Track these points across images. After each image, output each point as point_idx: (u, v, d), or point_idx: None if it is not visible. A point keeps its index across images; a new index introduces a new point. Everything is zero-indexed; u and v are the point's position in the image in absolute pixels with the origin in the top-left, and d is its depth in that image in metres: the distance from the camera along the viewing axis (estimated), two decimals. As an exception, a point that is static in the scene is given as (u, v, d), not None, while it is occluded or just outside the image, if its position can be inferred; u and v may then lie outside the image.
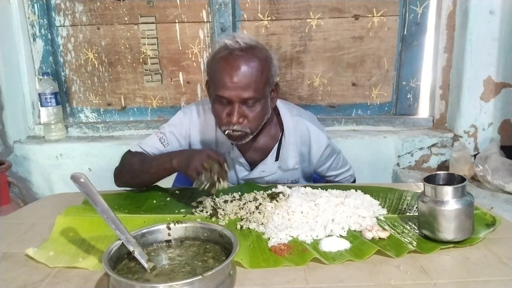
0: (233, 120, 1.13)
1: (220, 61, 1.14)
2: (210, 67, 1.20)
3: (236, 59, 1.12)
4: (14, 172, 2.08)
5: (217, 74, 1.14)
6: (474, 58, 1.90)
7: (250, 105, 1.15)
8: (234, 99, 1.12)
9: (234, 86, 1.11)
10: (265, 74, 1.15)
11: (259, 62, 1.14)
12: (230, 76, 1.11)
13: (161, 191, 1.25)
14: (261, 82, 1.14)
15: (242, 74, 1.11)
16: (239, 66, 1.11)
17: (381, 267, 0.84)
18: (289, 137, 1.31)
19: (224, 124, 1.17)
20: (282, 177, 1.36)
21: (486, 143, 1.98)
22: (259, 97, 1.15)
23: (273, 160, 1.33)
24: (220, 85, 1.13)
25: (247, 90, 1.12)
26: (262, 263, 0.85)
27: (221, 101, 1.15)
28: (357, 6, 2.03)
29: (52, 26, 2.12)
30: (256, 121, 1.18)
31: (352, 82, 2.14)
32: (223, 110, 1.16)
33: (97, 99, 2.22)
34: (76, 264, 0.86)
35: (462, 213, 0.89)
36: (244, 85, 1.11)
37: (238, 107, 1.13)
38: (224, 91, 1.12)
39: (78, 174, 0.82)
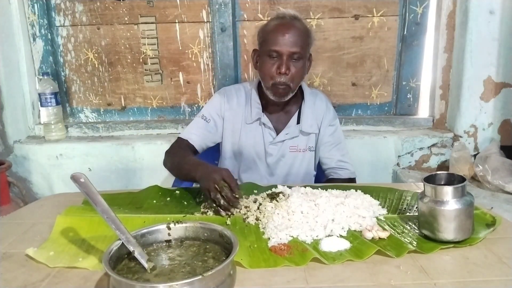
0: (282, 70, 1.34)
1: (273, 25, 1.39)
2: (263, 32, 1.42)
3: (287, 21, 1.38)
4: (14, 172, 2.08)
5: (270, 34, 1.37)
6: (474, 58, 1.90)
7: (295, 60, 1.36)
8: (284, 52, 1.34)
9: (285, 42, 1.34)
10: (307, 39, 1.40)
11: (304, 28, 1.39)
12: (283, 33, 1.35)
13: (161, 191, 1.25)
14: (305, 43, 1.38)
15: (292, 33, 1.35)
16: (289, 27, 1.36)
17: (381, 267, 0.84)
18: (308, 102, 1.51)
19: (273, 76, 1.37)
20: (302, 142, 1.52)
21: (486, 143, 1.98)
22: (303, 54, 1.37)
23: (295, 123, 1.50)
24: (273, 41, 1.36)
25: (295, 46, 1.35)
26: (262, 263, 0.85)
27: (271, 56, 1.36)
28: (357, 6, 2.03)
29: (52, 26, 2.13)
30: (298, 77, 1.39)
31: (352, 82, 2.14)
32: (273, 65, 1.37)
33: (97, 99, 2.22)
34: (76, 264, 0.86)
35: (462, 213, 0.89)
36: (293, 41, 1.35)
37: (286, 60, 1.35)
38: (277, 45, 1.35)
39: (78, 174, 0.82)
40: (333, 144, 1.54)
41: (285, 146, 1.51)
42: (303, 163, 1.53)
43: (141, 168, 2.08)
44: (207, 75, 2.16)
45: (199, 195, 1.22)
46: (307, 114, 1.50)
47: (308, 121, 1.50)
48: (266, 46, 1.38)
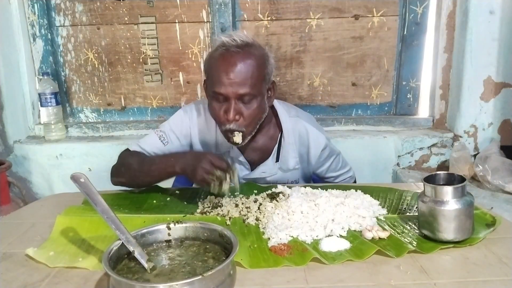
0: (230, 117, 1.13)
1: (216, 58, 1.15)
2: (207, 65, 1.20)
3: (232, 55, 1.13)
4: (14, 172, 2.08)
5: (213, 71, 1.15)
6: (474, 58, 1.90)
7: (246, 102, 1.15)
8: (231, 95, 1.13)
9: (230, 82, 1.11)
10: (261, 71, 1.16)
11: (255, 59, 1.14)
12: (226, 72, 1.11)
13: (161, 191, 1.25)
14: (257, 78, 1.15)
15: (238, 70, 1.11)
16: (235, 62, 1.12)
17: (381, 267, 0.84)
18: (288, 137, 1.31)
19: (222, 122, 1.17)
20: (283, 178, 1.36)
21: (486, 143, 1.98)
22: (255, 94, 1.15)
23: (274, 161, 1.33)
24: (216, 82, 1.13)
25: (243, 86, 1.12)
26: (262, 263, 0.85)
27: (218, 98, 1.15)
28: (357, 6, 2.03)
29: (52, 26, 2.12)
30: (252, 119, 1.18)
31: (352, 82, 2.14)
32: (220, 108, 1.16)
33: (97, 99, 2.22)
34: (76, 264, 0.86)
35: (462, 213, 0.89)
36: (240, 81, 1.12)
37: (234, 103, 1.13)
38: (221, 87, 1.12)
39: (78, 174, 0.82)
40: (328, 165, 1.40)
41: (261, 181, 1.34)
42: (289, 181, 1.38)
43: (141, 168, 2.08)
44: (207, 75, 2.16)
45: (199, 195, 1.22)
46: (287, 151, 1.31)
47: (288, 159, 1.32)
48: (210, 85, 1.16)
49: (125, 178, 1.24)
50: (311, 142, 1.34)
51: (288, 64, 2.12)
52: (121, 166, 1.26)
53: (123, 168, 1.25)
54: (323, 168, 1.41)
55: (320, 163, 1.39)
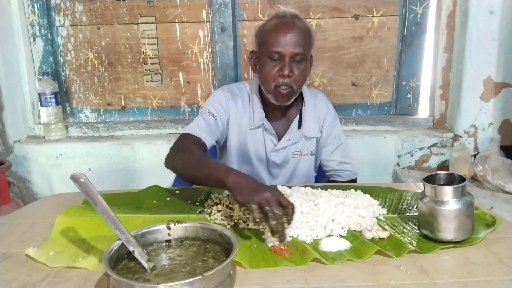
0: (285, 72, 1.27)
1: (274, 24, 1.31)
2: (262, 32, 1.34)
3: (288, 21, 1.30)
4: (14, 172, 2.08)
5: (271, 35, 1.30)
6: (474, 58, 1.90)
7: (298, 61, 1.30)
8: (286, 53, 1.27)
9: (287, 42, 1.27)
10: (309, 39, 1.33)
11: (305, 28, 1.32)
12: (284, 34, 1.27)
13: (161, 191, 1.25)
14: (307, 43, 1.31)
15: (294, 33, 1.28)
16: (291, 26, 1.29)
17: (381, 267, 0.84)
18: (308, 105, 1.46)
19: (275, 79, 1.30)
20: (305, 146, 1.47)
21: (486, 143, 1.98)
22: (305, 55, 1.31)
23: (296, 128, 1.45)
24: (274, 43, 1.28)
25: (297, 46, 1.28)
26: (262, 263, 0.85)
27: (272, 58, 1.29)
28: (357, 6, 2.03)
29: (52, 26, 2.13)
30: (301, 79, 1.33)
31: (352, 82, 2.14)
32: (274, 67, 1.30)
33: (97, 99, 2.22)
34: (76, 264, 0.85)
35: (462, 213, 0.89)
36: (295, 41, 1.27)
37: (288, 61, 1.28)
38: (278, 46, 1.27)
39: (78, 174, 0.82)
40: (335, 146, 1.50)
41: (287, 152, 1.46)
42: (304, 167, 1.49)
43: (141, 168, 2.08)
44: (207, 75, 2.16)
45: (199, 194, 1.22)
46: (308, 118, 1.45)
47: (310, 125, 1.45)
48: (266, 47, 1.30)
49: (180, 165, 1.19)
50: (326, 113, 1.49)
51: (288, 64, 2.12)
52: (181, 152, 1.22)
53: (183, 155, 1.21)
54: (329, 147, 1.50)
55: (328, 140, 1.49)
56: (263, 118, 1.42)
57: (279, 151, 1.45)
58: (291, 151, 1.46)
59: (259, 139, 1.44)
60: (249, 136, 1.44)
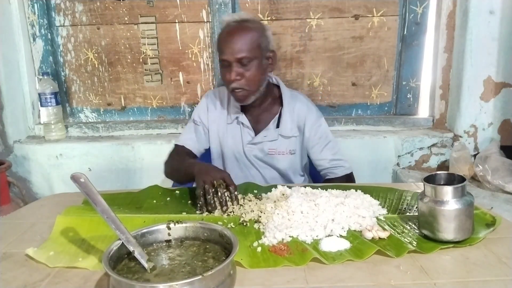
0: (232, 77, 1.35)
1: (221, 34, 1.40)
2: (217, 42, 1.43)
3: (230, 28, 1.38)
4: (14, 172, 2.08)
5: (219, 44, 1.39)
6: (474, 58, 1.90)
7: (245, 64, 1.35)
8: (231, 59, 1.34)
9: (230, 50, 1.34)
10: (256, 39, 1.37)
11: (250, 29, 1.37)
12: (226, 41, 1.35)
13: (161, 191, 1.25)
14: (253, 45, 1.35)
15: (235, 39, 1.34)
16: (232, 33, 1.36)
17: (381, 267, 0.84)
18: (287, 106, 1.50)
19: (228, 84, 1.38)
20: (282, 145, 1.51)
21: (486, 143, 1.98)
22: (251, 57, 1.35)
23: (274, 127, 1.50)
24: (220, 51, 1.37)
25: (240, 52, 1.33)
26: (262, 263, 0.85)
27: (223, 65, 1.38)
28: (357, 6, 2.03)
29: (52, 26, 2.12)
30: (253, 79, 1.37)
31: (352, 82, 2.14)
32: (225, 72, 1.38)
33: (97, 99, 2.22)
34: (76, 264, 0.86)
35: (462, 213, 0.89)
36: (237, 47, 1.33)
37: (234, 66, 1.35)
38: (223, 55, 1.36)
39: (78, 174, 0.82)
40: (323, 145, 1.52)
41: (263, 147, 1.51)
42: (282, 165, 1.52)
43: (141, 168, 2.08)
44: (207, 75, 2.16)
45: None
46: (286, 118, 1.49)
47: (287, 125, 1.49)
48: (218, 56, 1.40)
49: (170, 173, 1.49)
50: (307, 114, 1.51)
51: (288, 64, 2.12)
52: (168, 163, 1.50)
53: (169, 164, 1.49)
54: (317, 147, 1.52)
55: (315, 140, 1.52)
56: (238, 112, 1.50)
57: (256, 145, 1.51)
58: (267, 147, 1.51)
59: (236, 133, 1.52)
60: (227, 131, 1.53)
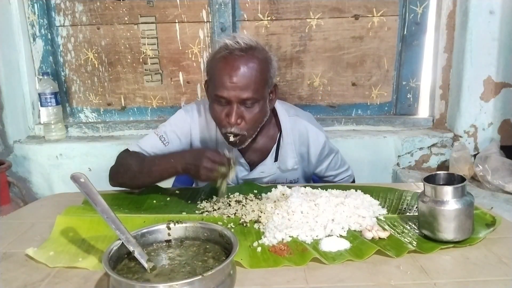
0: (231, 120, 1.13)
1: (220, 61, 1.14)
2: (209, 67, 1.19)
3: (235, 59, 1.12)
4: (14, 172, 2.08)
5: (216, 74, 1.14)
6: (474, 58, 1.90)
7: (248, 106, 1.14)
8: (233, 99, 1.12)
9: (233, 86, 1.11)
10: (264, 75, 1.15)
11: (258, 63, 1.13)
12: (230, 76, 1.11)
13: (161, 191, 1.25)
14: (260, 83, 1.14)
15: (242, 74, 1.11)
16: (239, 66, 1.11)
17: (381, 267, 0.84)
18: (287, 137, 1.31)
19: (223, 125, 1.17)
20: (281, 177, 1.36)
21: (486, 143, 1.98)
22: (258, 98, 1.15)
23: (272, 161, 1.33)
24: (219, 85, 1.12)
25: (246, 91, 1.11)
26: (262, 263, 0.85)
27: (219, 102, 1.15)
28: (357, 6, 2.03)
29: (52, 26, 2.12)
30: (254, 123, 1.18)
31: (352, 82, 2.14)
32: (221, 111, 1.16)
33: (97, 99, 2.22)
34: (76, 264, 0.85)
35: (462, 213, 0.89)
36: (243, 85, 1.11)
37: (236, 107, 1.13)
38: (223, 91, 1.12)
39: (78, 174, 0.82)
40: (329, 165, 1.41)
41: (261, 181, 1.34)
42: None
43: (141, 168, 2.08)
44: (207, 75, 2.16)
45: (199, 195, 1.22)
46: (286, 151, 1.31)
47: (287, 159, 1.31)
48: (212, 88, 1.15)
49: (125, 179, 1.22)
50: (310, 141, 1.33)
51: (288, 64, 2.12)
52: (120, 167, 1.23)
53: (122, 169, 1.22)
54: (322, 167, 1.41)
55: (320, 162, 1.39)
56: (229, 146, 1.23)
57: (251, 179, 1.33)
58: (265, 181, 1.35)
59: None
60: None
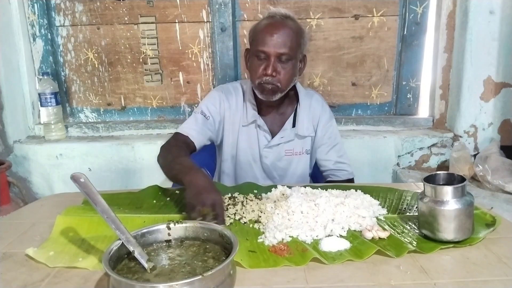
0: (268, 71, 1.31)
1: (263, 24, 1.36)
2: (253, 31, 1.39)
3: (276, 21, 1.35)
4: (14, 172, 2.08)
5: (259, 34, 1.34)
6: (474, 58, 1.90)
7: (283, 61, 1.33)
8: (272, 53, 1.31)
9: (273, 42, 1.31)
10: (298, 39, 1.35)
11: (294, 28, 1.35)
12: (271, 34, 1.31)
13: (161, 191, 1.25)
14: (294, 44, 1.34)
15: (281, 33, 1.32)
16: (279, 27, 1.33)
17: (381, 267, 0.84)
18: (303, 105, 1.48)
19: (259, 76, 1.34)
20: (298, 145, 1.49)
21: (486, 143, 1.98)
22: (292, 56, 1.33)
23: (291, 126, 1.47)
24: (261, 42, 1.33)
25: (283, 47, 1.31)
26: (262, 263, 0.85)
27: (259, 56, 1.34)
28: (357, 6, 2.03)
29: (52, 26, 2.12)
30: (287, 79, 1.35)
31: (352, 82, 2.14)
32: (260, 65, 1.34)
33: (97, 99, 2.22)
34: (76, 264, 0.86)
35: (462, 213, 0.89)
36: (281, 42, 1.31)
37: (273, 61, 1.32)
38: (264, 46, 1.32)
39: (78, 174, 0.82)
40: (330, 146, 1.52)
41: (280, 150, 1.48)
42: (298, 166, 1.51)
43: (141, 168, 2.08)
44: (207, 75, 2.16)
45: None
46: (302, 117, 1.47)
47: (304, 124, 1.47)
48: (254, 46, 1.36)
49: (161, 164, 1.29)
50: (321, 113, 1.50)
51: (288, 64, 2.12)
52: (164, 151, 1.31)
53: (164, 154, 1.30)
54: (324, 147, 1.51)
55: (324, 140, 1.51)
56: (255, 115, 1.45)
57: (272, 148, 1.47)
58: (284, 149, 1.48)
59: (252, 135, 1.47)
60: (242, 133, 1.47)
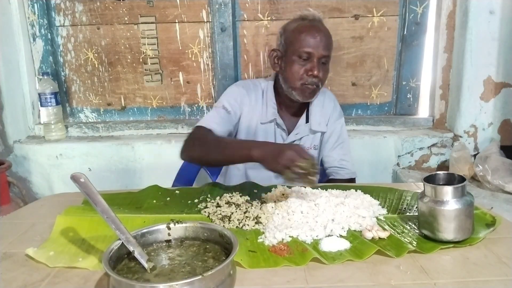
0: (315, 72, 1.34)
1: (303, 25, 1.38)
2: (290, 32, 1.39)
3: (316, 24, 1.38)
4: (14, 172, 2.08)
5: (300, 36, 1.35)
6: (474, 58, 1.90)
7: (324, 63, 1.38)
8: (316, 54, 1.34)
9: (317, 44, 1.34)
10: (332, 42, 1.40)
11: (328, 31, 1.40)
12: (314, 35, 1.35)
13: (161, 191, 1.25)
14: (332, 46, 1.40)
15: (323, 35, 1.36)
16: (320, 29, 1.37)
17: (381, 267, 0.84)
18: (317, 101, 1.50)
19: (302, 78, 1.36)
20: (308, 141, 1.51)
21: (486, 143, 1.98)
22: (330, 58, 1.39)
23: (304, 122, 1.50)
24: (304, 44, 1.34)
25: (326, 49, 1.36)
26: (262, 263, 0.85)
27: (302, 58, 1.35)
28: (357, 6, 2.03)
29: (52, 26, 2.13)
30: (325, 79, 1.41)
31: (352, 82, 2.14)
32: (302, 66, 1.36)
33: (97, 99, 2.22)
34: (76, 264, 0.85)
35: (462, 213, 0.89)
36: (324, 43, 1.35)
37: (317, 62, 1.35)
38: (309, 47, 1.34)
39: (78, 174, 0.82)
40: (337, 143, 1.54)
41: None
42: None
43: (141, 168, 2.08)
44: (207, 75, 2.16)
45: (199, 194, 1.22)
46: (315, 113, 1.50)
47: (317, 120, 1.50)
48: (296, 47, 1.36)
49: (198, 152, 1.28)
50: (333, 110, 1.54)
51: (288, 64, 2.12)
52: (196, 141, 1.30)
53: (198, 142, 1.29)
54: (331, 143, 1.53)
55: (331, 137, 1.53)
56: (275, 113, 1.47)
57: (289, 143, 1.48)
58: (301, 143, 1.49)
59: (270, 133, 1.48)
60: (260, 130, 1.48)
